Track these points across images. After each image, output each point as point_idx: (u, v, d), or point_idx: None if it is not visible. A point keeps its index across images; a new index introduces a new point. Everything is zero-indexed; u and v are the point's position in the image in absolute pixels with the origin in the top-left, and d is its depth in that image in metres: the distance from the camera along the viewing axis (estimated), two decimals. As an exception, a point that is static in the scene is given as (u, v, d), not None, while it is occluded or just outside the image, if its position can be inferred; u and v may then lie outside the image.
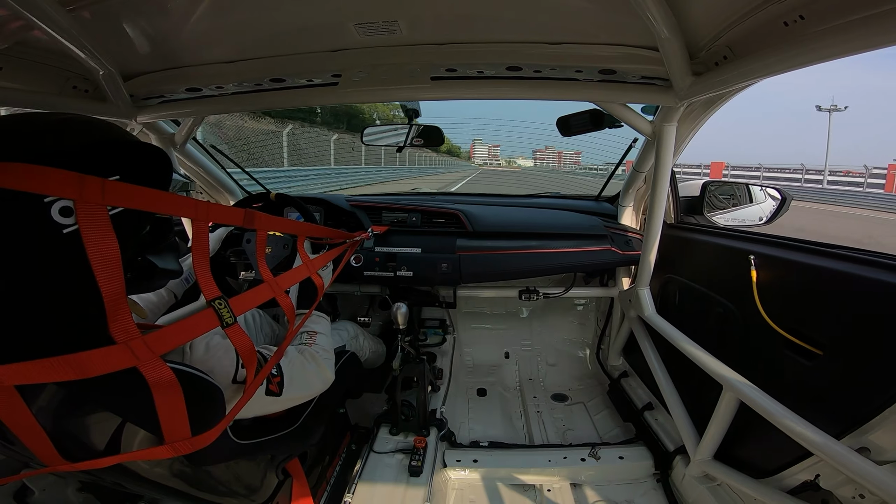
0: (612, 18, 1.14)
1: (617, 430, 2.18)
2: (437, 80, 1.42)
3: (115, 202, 0.68)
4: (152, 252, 0.87)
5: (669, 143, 1.63)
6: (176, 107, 1.73)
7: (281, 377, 1.12)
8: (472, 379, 2.74)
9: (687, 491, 1.63)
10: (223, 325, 0.86)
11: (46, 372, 0.61)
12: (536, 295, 2.36)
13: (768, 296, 1.38)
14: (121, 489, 1.11)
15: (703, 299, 1.72)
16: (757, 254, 1.45)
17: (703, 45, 1.17)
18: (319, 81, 1.52)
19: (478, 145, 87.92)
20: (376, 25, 1.21)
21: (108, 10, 1.15)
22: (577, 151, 59.55)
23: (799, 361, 1.23)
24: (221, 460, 1.06)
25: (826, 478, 1.13)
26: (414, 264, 2.11)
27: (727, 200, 2.28)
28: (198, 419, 0.80)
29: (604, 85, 1.44)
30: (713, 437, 1.47)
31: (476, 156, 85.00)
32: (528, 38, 1.27)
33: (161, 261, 0.89)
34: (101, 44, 1.30)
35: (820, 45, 0.83)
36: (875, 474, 0.94)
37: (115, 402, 0.78)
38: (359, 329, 2.10)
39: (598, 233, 2.18)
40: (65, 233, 0.63)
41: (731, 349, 1.51)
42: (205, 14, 1.18)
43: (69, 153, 0.68)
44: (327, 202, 2.29)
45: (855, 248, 1.25)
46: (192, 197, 0.88)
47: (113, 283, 0.66)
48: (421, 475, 1.63)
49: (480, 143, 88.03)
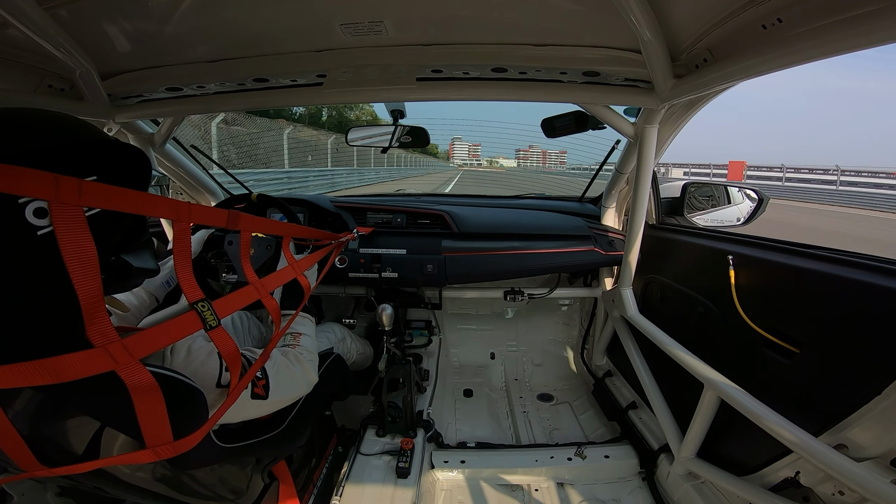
0: (597, 20, 1.16)
1: (602, 430, 2.20)
2: (422, 80, 1.42)
3: (92, 203, 0.66)
4: (127, 251, 0.85)
5: (651, 145, 1.66)
6: (155, 106, 1.70)
7: (266, 380, 1.11)
8: (458, 380, 2.74)
9: (672, 489, 1.65)
10: (206, 328, 0.84)
11: (22, 376, 0.59)
12: (521, 295, 2.37)
13: (747, 295, 1.41)
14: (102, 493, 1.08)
15: (685, 299, 1.75)
16: (735, 254, 1.48)
17: (684, 48, 1.19)
18: (304, 82, 1.50)
19: (457, 144, 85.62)
20: (362, 26, 1.21)
21: (85, 7, 1.13)
22: (563, 150, 58.66)
23: (777, 360, 1.26)
24: (205, 464, 1.04)
25: (806, 475, 1.15)
26: (399, 265, 2.11)
27: (706, 201, 2.32)
28: (180, 423, 0.78)
29: (588, 87, 1.46)
30: (696, 435, 1.49)
31: (456, 155, 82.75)
32: (514, 39, 1.28)
33: (137, 259, 0.86)
34: (78, 42, 1.27)
35: (797, 48, 0.85)
36: (853, 471, 0.96)
37: (94, 406, 0.76)
38: (346, 331, 2.09)
39: (581, 233, 2.21)
40: (39, 234, 0.62)
41: (712, 348, 1.53)
42: (187, 12, 1.16)
43: (44, 152, 0.66)
44: (311, 203, 2.27)
45: (830, 249, 1.28)
46: (167, 195, 0.86)
47: (90, 285, 0.65)
48: (409, 476, 1.62)
49: (460, 142, 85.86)
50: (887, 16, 0.68)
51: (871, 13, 0.71)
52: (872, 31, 0.72)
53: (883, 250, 1.13)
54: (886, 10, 0.68)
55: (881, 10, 0.69)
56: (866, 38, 0.73)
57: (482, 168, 68.03)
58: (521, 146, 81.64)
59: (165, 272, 1.49)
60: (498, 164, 75.33)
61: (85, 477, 0.92)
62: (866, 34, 0.73)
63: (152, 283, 1.44)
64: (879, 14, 0.69)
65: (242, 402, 1.01)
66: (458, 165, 71.18)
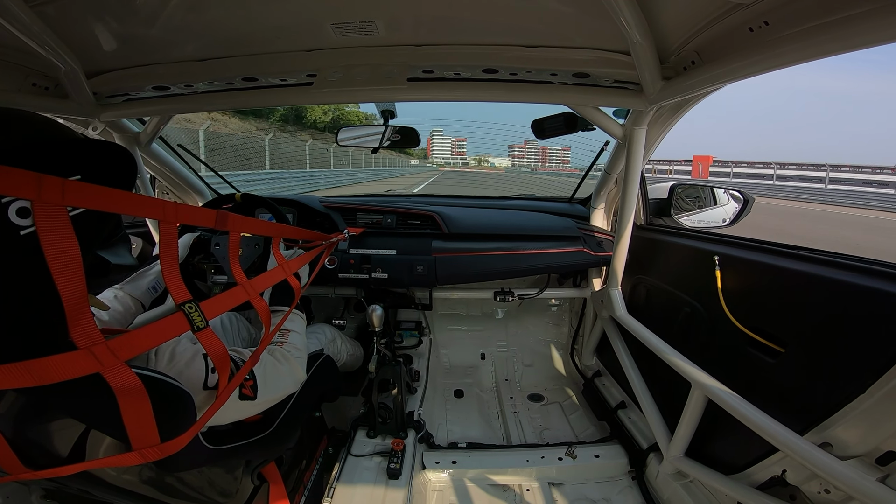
0: (588, 22, 1.17)
1: (592, 429, 2.21)
2: (413, 81, 1.43)
3: (76, 203, 0.65)
4: (103, 247, 0.83)
5: (639, 147, 1.68)
6: (142, 105, 1.68)
7: (254, 380, 1.10)
8: (448, 380, 2.74)
9: (661, 488, 1.66)
10: (194, 329, 0.83)
11: (4, 379, 0.58)
12: (511, 296, 2.38)
13: (732, 295, 1.43)
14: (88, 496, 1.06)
15: (672, 299, 1.77)
16: (721, 254, 1.50)
17: (672, 50, 1.21)
18: (294, 81, 1.50)
19: (437, 139, 78.53)
20: (353, 25, 1.21)
21: (71, 5, 1.11)
22: (566, 147, 55.12)
23: (763, 359, 1.28)
24: (193, 466, 1.03)
25: (792, 473, 1.17)
26: (389, 266, 2.10)
27: (693, 202, 2.35)
28: (166, 425, 0.77)
29: (578, 88, 1.47)
30: (684, 434, 1.51)
31: (435, 152, 75.30)
32: (505, 40, 1.29)
33: (113, 256, 0.85)
34: (63, 40, 1.25)
35: (783, 51, 0.87)
36: (839, 469, 0.97)
37: (79, 408, 0.75)
38: (336, 332, 2.07)
39: (571, 234, 2.22)
40: (22, 234, 0.60)
41: (699, 348, 1.55)
42: (175, 10, 1.15)
43: (26, 151, 0.65)
44: (300, 203, 2.25)
45: (814, 249, 1.30)
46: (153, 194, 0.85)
47: (73, 286, 0.63)
48: (400, 477, 1.62)
49: (441, 136, 78.73)
50: (872, 19, 0.70)
51: (856, 16, 0.72)
52: (858, 34, 0.73)
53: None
54: (872, 13, 0.69)
55: (867, 12, 0.70)
56: (852, 41, 0.74)
57: (469, 169, 62.94)
58: (515, 142, 75.38)
59: (151, 277, 1.45)
60: (488, 164, 71.41)
61: (70, 479, 0.91)
62: (852, 37, 0.74)
63: (138, 289, 1.41)
64: (866, 17, 0.71)
65: (231, 404, 1.00)
66: (438, 165, 65.34)
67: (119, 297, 1.35)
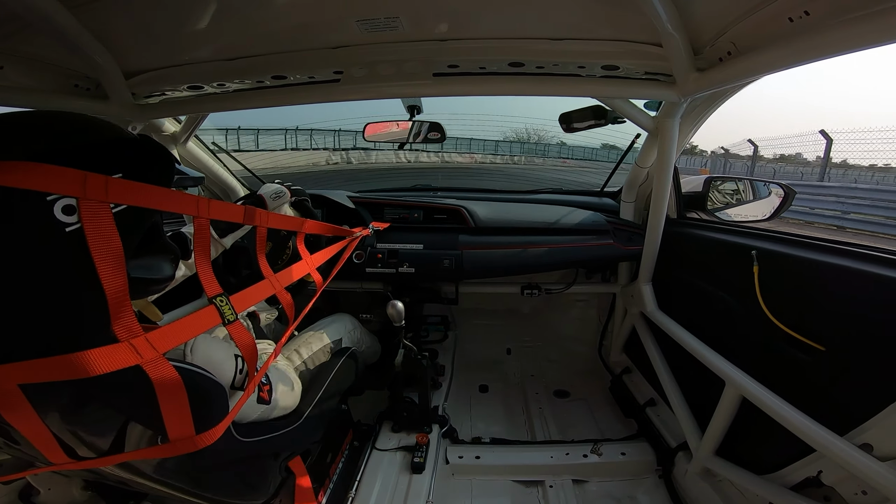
0: (616, 14, 1.13)
1: (619, 427, 2.18)
2: (438, 76, 1.42)
3: (119, 200, 0.68)
4: (141, 256, 0.83)
5: (672, 139, 1.63)
6: (177, 104, 1.72)
7: (270, 386, 1.14)
8: (473, 375, 2.74)
9: (689, 487, 1.63)
10: (224, 322, 0.86)
11: (49, 371, 0.61)
12: (538, 291, 2.36)
13: (770, 291, 1.37)
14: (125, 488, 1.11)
15: (705, 295, 1.72)
16: (759, 249, 1.44)
17: (707, 41, 1.16)
18: (321, 78, 1.51)
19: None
20: (378, 22, 1.21)
21: (108, 8, 1.15)
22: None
23: (801, 357, 1.23)
24: (225, 458, 1.06)
25: (828, 474, 1.14)
26: (416, 261, 2.11)
27: (730, 196, 2.28)
28: (201, 417, 0.80)
29: (607, 80, 1.43)
30: (715, 433, 1.47)
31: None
32: (531, 34, 1.27)
33: (148, 271, 0.84)
34: (102, 42, 1.30)
35: (824, 42, 0.83)
36: (878, 471, 0.95)
37: (119, 400, 0.78)
38: (356, 322, 2.10)
39: (600, 228, 2.18)
40: (67, 231, 0.63)
41: (734, 345, 1.51)
42: (206, 11, 1.18)
43: (72, 151, 0.67)
44: (328, 199, 2.28)
45: (857, 244, 1.24)
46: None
47: (116, 280, 0.66)
48: (423, 472, 1.64)
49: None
50: None
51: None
52: None
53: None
54: None
55: None
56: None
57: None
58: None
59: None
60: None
61: (110, 471, 0.95)
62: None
63: None
64: None
65: (250, 403, 1.04)
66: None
67: None
